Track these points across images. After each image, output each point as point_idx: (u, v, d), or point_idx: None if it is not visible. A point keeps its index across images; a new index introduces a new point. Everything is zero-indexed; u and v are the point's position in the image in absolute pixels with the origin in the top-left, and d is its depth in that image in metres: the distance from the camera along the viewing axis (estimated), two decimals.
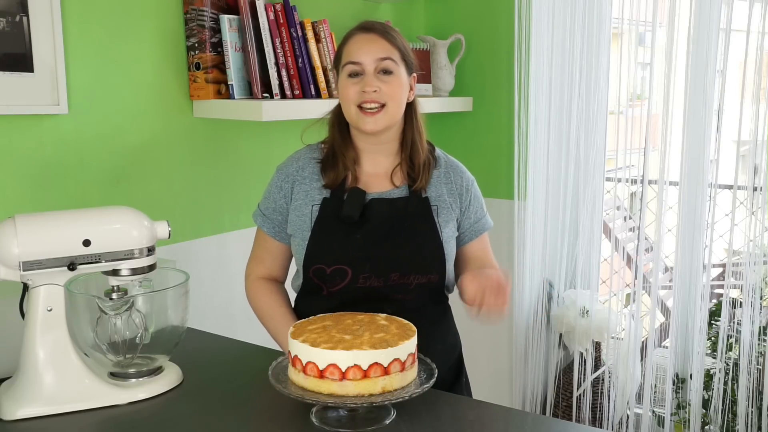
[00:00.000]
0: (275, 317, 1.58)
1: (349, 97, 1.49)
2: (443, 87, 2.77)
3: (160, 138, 2.01)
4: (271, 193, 1.60)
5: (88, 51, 1.81)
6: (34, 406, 1.28)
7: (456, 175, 1.60)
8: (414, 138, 1.56)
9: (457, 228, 1.59)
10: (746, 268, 2.47)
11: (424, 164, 1.56)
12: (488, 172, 2.83)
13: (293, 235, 1.56)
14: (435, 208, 1.55)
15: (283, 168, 1.60)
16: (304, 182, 1.56)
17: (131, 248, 1.32)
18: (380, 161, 1.57)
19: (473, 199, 1.61)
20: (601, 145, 2.68)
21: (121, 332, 1.37)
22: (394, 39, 1.51)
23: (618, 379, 2.74)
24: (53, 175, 1.77)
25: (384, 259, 1.49)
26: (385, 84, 1.48)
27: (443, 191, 1.57)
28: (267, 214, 1.60)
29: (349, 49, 1.51)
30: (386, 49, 1.49)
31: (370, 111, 1.48)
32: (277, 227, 1.59)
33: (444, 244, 1.53)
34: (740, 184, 2.50)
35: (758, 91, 2.38)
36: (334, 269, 1.50)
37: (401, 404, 1.27)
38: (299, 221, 1.54)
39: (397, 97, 1.50)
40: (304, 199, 1.55)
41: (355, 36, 1.52)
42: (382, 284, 1.50)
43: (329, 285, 1.52)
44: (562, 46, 2.64)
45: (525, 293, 2.81)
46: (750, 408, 2.53)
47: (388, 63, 1.49)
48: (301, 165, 1.58)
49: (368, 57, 1.48)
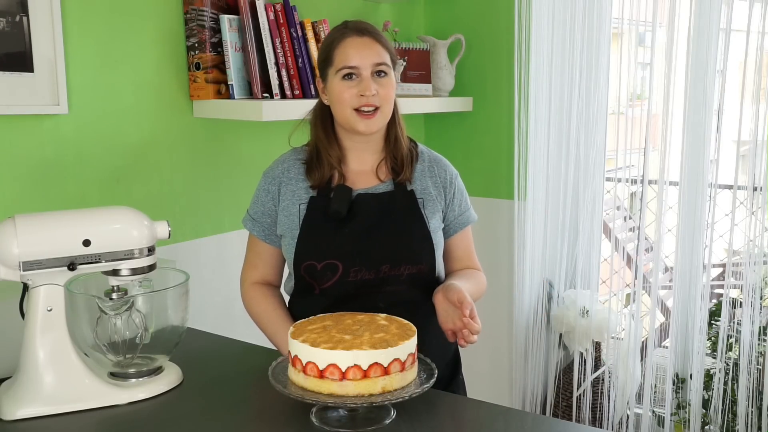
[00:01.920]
0: (272, 320, 1.59)
1: (345, 99, 1.50)
2: (443, 87, 2.77)
3: (160, 138, 2.01)
4: (259, 197, 1.62)
5: (88, 51, 1.81)
6: (34, 406, 1.28)
7: (440, 168, 1.63)
8: (397, 133, 1.59)
9: (442, 219, 1.61)
10: (746, 268, 2.47)
11: (407, 157, 1.59)
12: (488, 172, 2.83)
13: (283, 236, 1.57)
14: (421, 200, 1.58)
15: (269, 171, 1.62)
16: (290, 183, 1.58)
17: (131, 248, 1.32)
18: (365, 158, 1.60)
19: (457, 192, 1.63)
20: (601, 145, 2.68)
21: (121, 332, 1.37)
22: (385, 43, 1.54)
23: (618, 379, 2.74)
24: (53, 175, 1.77)
25: (374, 251, 1.51)
26: (382, 87, 1.51)
27: (428, 184, 1.60)
28: (256, 218, 1.61)
29: (345, 52, 1.51)
30: (380, 54, 1.52)
31: (366, 114, 1.50)
32: (267, 230, 1.60)
33: (432, 234, 1.56)
34: (740, 184, 2.50)
35: (758, 91, 2.38)
36: (324, 264, 1.51)
37: (401, 404, 1.27)
38: (288, 221, 1.56)
39: (391, 99, 1.54)
40: (291, 199, 1.57)
41: (349, 39, 1.52)
42: (373, 276, 1.51)
43: (321, 281, 1.53)
44: (562, 46, 2.64)
45: (525, 293, 2.81)
46: (750, 408, 2.53)
47: (383, 67, 1.52)
48: (287, 167, 1.60)
49: (365, 61, 1.50)
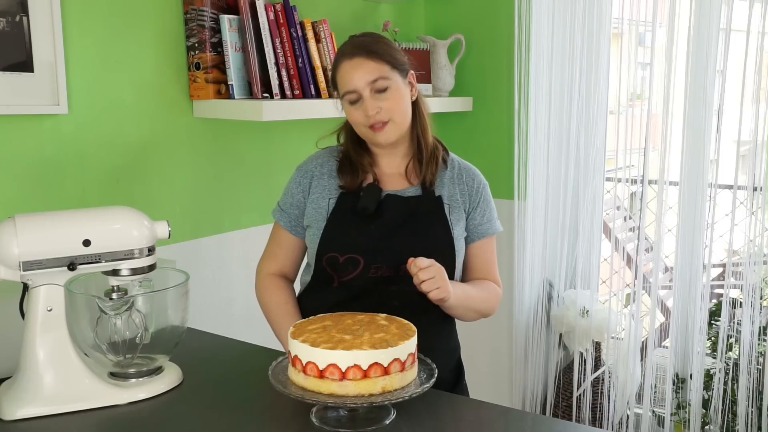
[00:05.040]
0: (280, 314, 1.61)
1: (356, 121, 1.56)
2: (443, 87, 2.77)
3: (160, 138, 2.01)
4: (290, 189, 1.66)
5: (88, 51, 1.81)
6: (34, 406, 1.28)
7: (468, 176, 1.65)
8: (418, 133, 1.61)
9: (465, 227, 1.62)
10: (746, 268, 2.47)
11: (430, 157, 1.60)
12: (488, 172, 2.78)
13: (309, 226, 1.60)
14: (447, 206, 1.60)
15: (303, 166, 1.67)
16: (322, 178, 1.61)
17: (131, 248, 1.32)
18: (395, 162, 1.63)
19: (482, 201, 1.64)
20: (601, 145, 2.68)
21: (121, 332, 1.37)
22: (379, 54, 1.53)
23: (618, 379, 2.74)
24: (53, 175, 1.77)
25: (395, 250, 1.52)
26: (384, 101, 1.52)
27: (456, 191, 1.62)
28: (284, 209, 1.66)
29: (342, 78, 1.55)
30: (374, 69, 1.52)
31: (379, 128, 1.54)
32: (294, 221, 1.64)
33: (455, 240, 1.57)
34: (740, 184, 2.50)
35: (758, 91, 2.38)
36: (347, 258, 1.54)
37: (401, 404, 1.27)
38: (316, 213, 1.59)
39: (399, 109, 1.54)
40: (321, 193, 1.60)
41: (343, 64, 1.54)
42: (392, 274, 1.53)
43: (342, 274, 1.55)
44: (562, 46, 2.64)
45: (525, 293, 2.81)
46: (750, 408, 2.53)
47: (380, 83, 1.52)
48: (321, 162, 1.64)
49: (360, 83, 1.52)
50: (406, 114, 1.56)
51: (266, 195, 2.27)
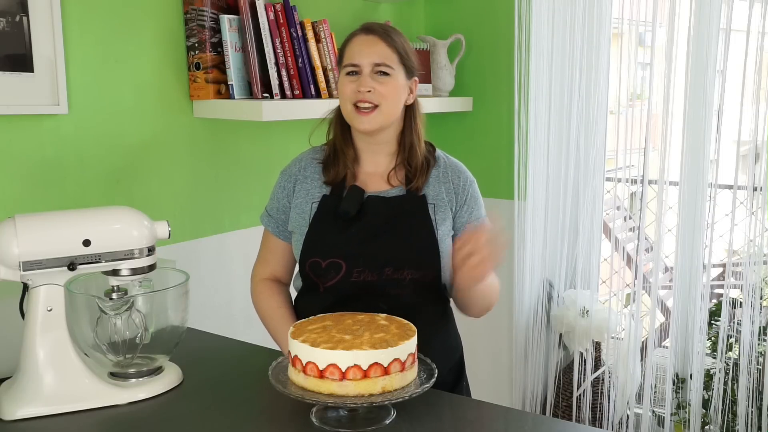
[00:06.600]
0: (275, 318, 1.60)
1: (346, 94, 1.53)
2: (443, 87, 2.77)
3: (160, 138, 2.01)
4: (275, 194, 1.65)
5: (88, 51, 1.81)
6: (34, 406, 1.28)
7: (454, 174, 1.61)
8: (412, 141, 1.59)
9: (452, 225, 1.60)
10: (746, 268, 2.47)
11: (422, 166, 1.58)
12: (488, 172, 2.83)
13: (294, 232, 1.59)
14: (432, 205, 1.56)
15: (286, 170, 1.65)
16: (305, 181, 1.60)
17: (131, 248, 1.32)
18: (379, 161, 1.60)
19: (469, 199, 1.61)
20: (601, 145, 2.68)
21: (121, 332, 1.37)
22: (394, 42, 1.53)
23: (618, 379, 2.74)
24: (53, 175, 1.77)
25: (377, 254, 1.51)
26: (380, 85, 1.51)
27: (441, 190, 1.58)
28: (272, 214, 1.65)
29: (350, 50, 1.54)
30: (384, 53, 1.52)
31: (364, 110, 1.51)
32: (281, 226, 1.63)
33: (439, 242, 1.54)
34: (740, 184, 2.50)
35: (758, 91, 2.38)
36: (329, 263, 1.52)
37: (401, 404, 1.27)
38: (299, 218, 1.58)
39: (390, 99, 1.52)
40: (305, 197, 1.59)
41: (356, 37, 1.55)
42: (376, 278, 1.51)
43: (324, 279, 1.53)
44: (562, 46, 2.64)
45: (525, 293, 2.81)
46: (750, 408, 2.53)
47: (384, 68, 1.51)
48: (303, 165, 1.63)
49: (366, 59, 1.51)
50: (395, 107, 1.54)
51: (266, 195, 2.24)
